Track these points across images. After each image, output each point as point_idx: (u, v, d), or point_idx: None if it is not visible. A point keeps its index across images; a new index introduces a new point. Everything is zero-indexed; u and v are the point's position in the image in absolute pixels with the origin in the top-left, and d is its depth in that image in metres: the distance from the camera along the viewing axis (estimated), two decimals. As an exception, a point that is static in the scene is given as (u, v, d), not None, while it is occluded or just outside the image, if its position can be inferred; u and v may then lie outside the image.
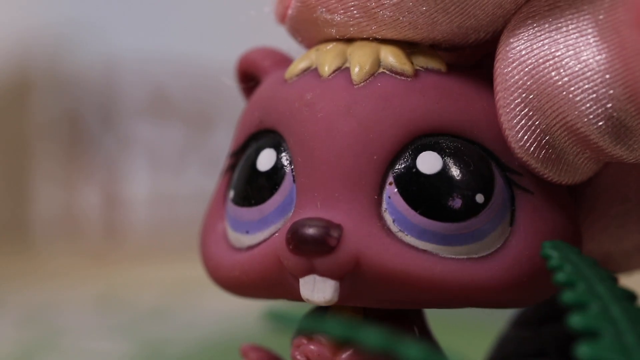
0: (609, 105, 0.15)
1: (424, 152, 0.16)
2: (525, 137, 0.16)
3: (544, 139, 0.16)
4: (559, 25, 0.15)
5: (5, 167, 0.79)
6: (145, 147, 0.82)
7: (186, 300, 0.58)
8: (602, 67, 0.15)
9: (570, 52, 0.15)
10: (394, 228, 0.16)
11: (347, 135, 0.16)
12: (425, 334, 0.18)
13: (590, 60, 0.15)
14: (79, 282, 0.64)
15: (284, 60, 0.18)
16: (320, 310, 0.18)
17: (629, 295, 0.15)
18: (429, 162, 0.16)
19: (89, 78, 0.80)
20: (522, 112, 0.16)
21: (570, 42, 0.15)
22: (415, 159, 0.16)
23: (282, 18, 0.18)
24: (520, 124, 0.16)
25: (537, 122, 0.16)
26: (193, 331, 0.50)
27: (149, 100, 0.82)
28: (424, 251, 0.16)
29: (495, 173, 0.16)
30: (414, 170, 0.16)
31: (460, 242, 0.16)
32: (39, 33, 0.79)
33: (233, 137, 0.19)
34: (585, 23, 0.15)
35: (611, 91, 0.15)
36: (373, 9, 0.16)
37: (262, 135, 0.18)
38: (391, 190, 0.16)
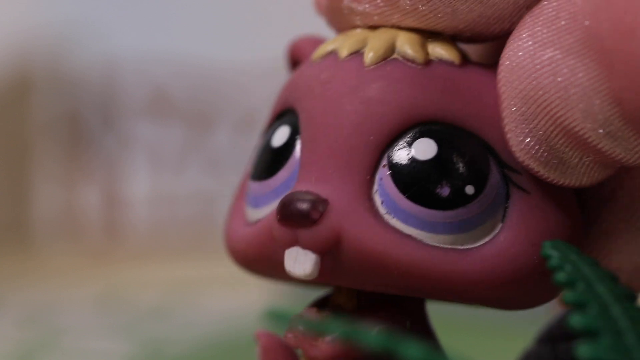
0: (600, 109, 0.15)
1: (421, 139, 0.16)
2: (527, 140, 0.16)
3: (545, 143, 0.16)
4: (554, 30, 0.16)
5: (5, 167, 0.79)
6: (145, 147, 0.82)
7: (186, 300, 0.58)
8: (590, 74, 0.15)
9: (562, 57, 0.15)
10: (382, 210, 0.16)
11: (348, 114, 0.16)
12: (421, 328, 0.18)
13: (578, 65, 0.15)
14: (79, 281, 0.64)
15: None
16: (320, 300, 0.18)
17: (629, 295, 0.15)
18: (424, 149, 0.16)
19: (90, 78, 0.80)
20: (523, 117, 0.16)
21: (563, 47, 0.15)
22: (412, 144, 0.16)
23: (319, 8, 0.18)
24: (521, 127, 0.16)
25: (537, 127, 0.16)
26: (193, 331, 0.50)
27: (150, 100, 0.82)
28: (408, 236, 0.16)
29: (492, 168, 0.16)
30: (408, 154, 0.16)
31: (446, 230, 0.16)
32: (40, 33, 0.79)
33: (266, 119, 0.19)
34: (574, 28, 0.15)
35: (600, 95, 0.15)
36: None
37: (284, 115, 0.18)
38: (384, 172, 0.16)
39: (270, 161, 0.18)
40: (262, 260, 0.18)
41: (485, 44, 0.18)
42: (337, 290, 0.18)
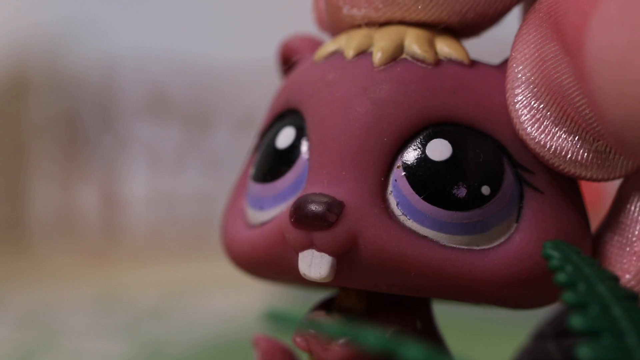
0: (586, 105, 0.15)
1: (435, 139, 0.16)
2: (537, 129, 0.16)
3: (555, 129, 0.16)
4: (553, 26, 0.16)
5: (3, 167, 0.79)
6: (143, 146, 0.82)
7: (185, 300, 0.58)
8: (572, 76, 0.15)
9: (562, 53, 0.16)
10: (397, 211, 0.16)
11: (360, 116, 0.16)
12: (429, 329, 0.18)
13: (569, 63, 0.15)
14: (77, 282, 0.64)
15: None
16: (325, 302, 0.18)
17: (630, 295, 0.15)
18: (438, 149, 0.16)
19: (88, 77, 0.80)
20: (532, 106, 0.16)
21: (562, 43, 0.16)
22: (426, 145, 0.16)
23: (321, 26, 0.18)
24: (530, 115, 0.16)
25: (547, 115, 0.16)
26: (192, 331, 0.50)
27: (148, 99, 0.82)
28: (424, 237, 0.16)
29: (506, 168, 0.16)
30: (423, 155, 0.16)
31: (462, 231, 0.16)
32: (37, 32, 0.79)
33: (263, 119, 0.19)
34: (561, 28, 0.15)
35: (583, 95, 0.15)
36: None
37: (286, 115, 0.18)
38: (398, 173, 0.16)
39: (276, 163, 0.17)
40: (268, 263, 0.17)
41: None
42: (344, 293, 0.18)
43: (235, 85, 0.79)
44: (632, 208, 0.17)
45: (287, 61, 0.20)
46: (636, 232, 0.16)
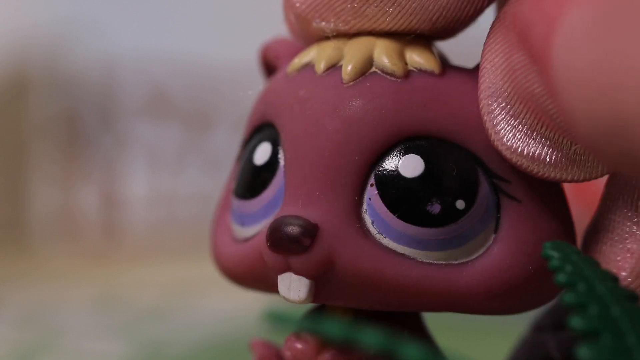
0: (557, 111, 0.15)
1: (407, 155, 0.16)
2: (513, 137, 0.16)
3: (531, 136, 0.16)
4: (519, 34, 0.16)
5: (3, 167, 0.79)
6: (144, 146, 0.82)
7: (185, 300, 0.58)
8: (541, 85, 0.15)
9: (529, 62, 0.15)
10: (373, 230, 0.16)
11: (331, 135, 0.16)
12: (420, 336, 0.18)
13: (537, 79, 0.15)
14: (77, 282, 0.64)
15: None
16: (317, 310, 0.18)
17: (630, 296, 0.15)
18: (411, 166, 0.16)
19: (88, 77, 0.80)
20: (506, 115, 0.16)
21: (528, 51, 0.15)
22: (398, 161, 0.16)
23: (293, 35, 0.18)
24: (505, 124, 0.16)
25: (522, 122, 0.16)
26: (192, 331, 0.50)
27: (148, 99, 0.82)
28: (402, 255, 0.16)
29: (480, 179, 0.16)
30: (396, 172, 0.16)
31: (439, 247, 0.16)
32: (37, 32, 0.79)
33: (245, 127, 0.19)
34: (526, 36, 0.15)
35: (553, 102, 0.15)
36: (360, 7, 0.17)
37: (264, 128, 0.18)
38: (372, 191, 0.16)
39: (254, 180, 0.17)
40: (254, 280, 0.17)
41: None
42: (331, 306, 0.17)
43: (235, 85, 0.79)
44: (621, 204, 0.16)
45: (268, 65, 0.19)
46: (627, 229, 0.16)
